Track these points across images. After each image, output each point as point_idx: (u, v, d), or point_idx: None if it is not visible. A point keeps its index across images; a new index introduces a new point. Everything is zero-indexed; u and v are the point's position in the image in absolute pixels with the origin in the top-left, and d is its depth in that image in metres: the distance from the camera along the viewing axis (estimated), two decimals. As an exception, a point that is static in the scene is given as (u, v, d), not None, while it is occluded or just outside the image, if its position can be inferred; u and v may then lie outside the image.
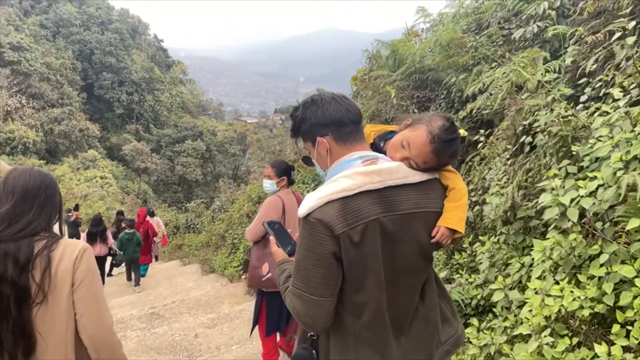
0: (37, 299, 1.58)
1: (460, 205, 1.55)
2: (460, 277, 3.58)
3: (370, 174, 1.45)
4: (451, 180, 1.59)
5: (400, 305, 1.53)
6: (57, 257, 1.63)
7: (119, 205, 27.18)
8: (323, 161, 1.59)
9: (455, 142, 1.56)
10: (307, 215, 1.42)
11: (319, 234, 1.40)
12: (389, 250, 1.45)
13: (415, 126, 1.59)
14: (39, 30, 50.65)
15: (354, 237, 1.39)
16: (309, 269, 1.43)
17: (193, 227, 14.77)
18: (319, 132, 1.55)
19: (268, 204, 3.67)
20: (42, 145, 38.47)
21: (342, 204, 1.40)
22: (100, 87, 52.93)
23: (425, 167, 1.54)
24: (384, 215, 1.43)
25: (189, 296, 6.49)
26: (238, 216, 10.03)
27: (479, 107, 5.11)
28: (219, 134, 54.52)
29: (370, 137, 1.73)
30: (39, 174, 1.75)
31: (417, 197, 1.50)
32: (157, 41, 70.04)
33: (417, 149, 1.53)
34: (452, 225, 1.51)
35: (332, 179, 1.46)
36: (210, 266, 8.81)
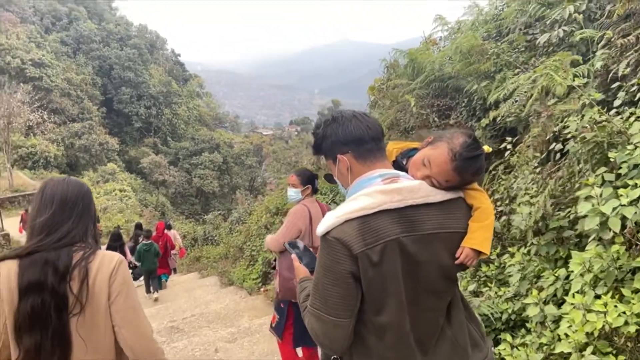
0: (75, 310, 1.60)
1: (486, 226, 1.50)
2: (489, 290, 3.44)
3: (391, 193, 1.42)
4: (476, 200, 1.54)
5: (423, 326, 1.49)
6: (95, 269, 1.64)
7: (138, 217, 27.44)
8: (344, 179, 1.58)
9: (479, 160, 1.52)
10: (326, 234, 1.41)
11: (336, 253, 1.38)
12: (409, 270, 1.42)
13: (436, 144, 1.56)
14: (60, 47, 51.92)
15: (373, 257, 1.36)
16: (327, 289, 1.41)
17: (211, 239, 14.78)
18: (340, 149, 1.54)
19: (295, 212, 3.60)
20: (63, 159, 39.19)
21: (361, 222, 1.38)
22: (119, 102, 53.87)
23: (448, 186, 1.50)
24: (404, 235, 1.39)
25: (209, 309, 6.43)
26: (256, 228, 9.98)
27: (503, 115, 5.00)
28: (235, 146, 54.98)
29: (393, 154, 1.70)
30: (76, 184, 1.78)
31: (440, 217, 1.46)
32: (174, 55, 71.21)
33: (438, 167, 1.49)
34: (476, 246, 1.46)
35: (352, 197, 1.44)
36: (228, 278, 8.76)
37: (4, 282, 1.61)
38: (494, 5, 7.42)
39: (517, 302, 3.25)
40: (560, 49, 4.72)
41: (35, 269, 1.60)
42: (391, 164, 1.62)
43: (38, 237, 1.66)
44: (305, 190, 3.68)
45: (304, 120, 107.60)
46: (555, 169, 3.71)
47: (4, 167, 30.13)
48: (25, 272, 1.60)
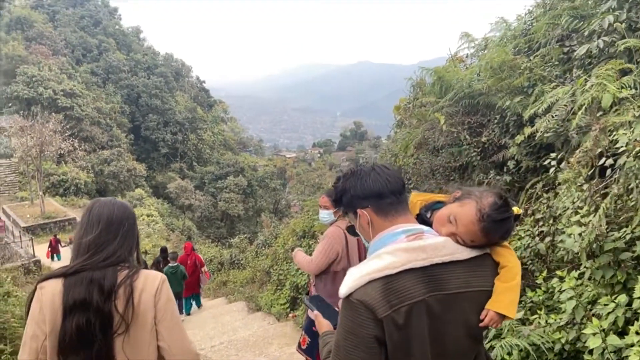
0: (120, 329, 1.61)
1: (512, 287, 1.45)
2: (538, 318, 3.19)
3: (415, 251, 1.37)
4: (504, 257, 1.48)
5: None
6: (139, 288, 1.67)
7: (165, 242, 27.63)
8: (365, 232, 1.54)
9: (508, 222, 1.46)
10: (349, 295, 1.36)
11: (360, 316, 1.33)
12: (435, 332, 1.37)
13: (464, 201, 1.51)
14: (90, 77, 53.72)
15: (398, 320, 1.32)
16: (348, 351, 1.35)
17: (237, 263, 14.68)
18: (359, 204, 1.51)
19: (331, 235, 3.50)
20: (92, 186, 40.05)
21: (384, 283, 1.33)
22: (147, 129, 55.14)
23: (473, 245, 1.45)
24: (429, 295, 1.35)
25: (237, 336, 6.27)
26: (283, 251, 9.83)
27: (541, 130, 4.79)
28: (259, 169, 55.45)
29: (416, 206, 1.66)
30: (121, 205, 1.81)
31: (466, 275, 1.41)
32: (199, 82, 72.90)
33: (464, 227, 1.44)
34: (502, 310, 1.42)
35: (374, 255, 1.40)
36: (256, 304, 8.60)
37: (48, 301, 1.61)
38: (523, 20, 7.26)
39: (571, 330, 3.00)
40: (601, 61, 4.52)
41: (80, 287, 1.61)
42: (414, 216, 1.57)
43: (84, 256, 1.67)
44: (338, 212, 3.56)
45: (327, 142, 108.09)
46: (603, 186, 3.48)
47: (36, 195, 30.91)
48: (70, 290, 1.61)
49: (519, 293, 1.49)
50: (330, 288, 3.47)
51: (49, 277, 1.67)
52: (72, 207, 34.59)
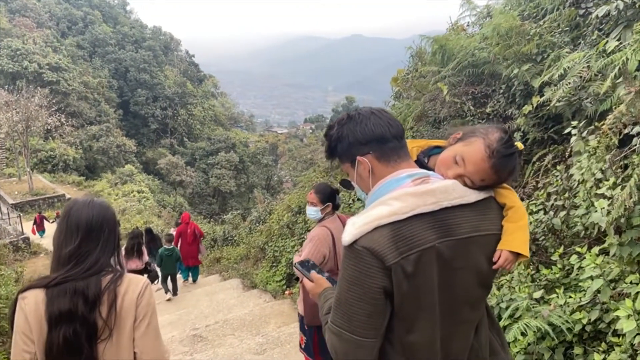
0: (103, 335, 1.60)
1: (522, 226, 1.40)
2: (557, 297, 3.00)
3: (423, 195, 1.30)
4: (508, 198, 1.44)
5: (457, 342, 1.38)
6: (122, 293, 1.64)
7: (156, 218, 27.38)
8: (364, 183, 1.44)
9: (515, 157, 1.42)
10: (353, 243, 1.27)
11: (366, 264, 1.25)
12: (445, 281, 1.30)
13: (469, 139, 1.44)
14: (76, 51, 52.39)
15: (408, 268, 1.24)
16: (351, 304, 1.28)
17: (231, 240, 14.47)
18: (359, 150, 1.41)
19: (317, 237, 3.33)
20: (81, 162, 39.51)
21: (392, 229, 1.25)
22: (136, 104, 54.20)
23: (482, 185, 1.40)
24: (440, 241, 1.28)
25: (232, 315, 6.08)
26: (278, 227, 9.62)
27: (555, 99, 4.53)
28: (251, 145, 54.93)
29: (413, 153, 1.56)
30: (100, 208, 1.74)
31: (475, 219, 1.35)
32: (188, 56, 71.50)
33: (473, 165, 1.39)
34: (516, 248, 1.37)
35: (379, 202, 1.31)
36: (251, 281, 8.42)
37: (31, 311, 1.59)
38: (529, -16, 6.92)
39: (593, 310, 2.81)
40: (619, 24, 4.24)
41: (65, 299, 1.58)
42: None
43: (66, 267, 1.63)
44: (325, 209, 3.45)
45: (318, 118, 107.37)
46: (622, 156, 3.25)
47: (24, 171, 30.36)
48: (55, 302, 1.58)
49: (528, 232, 1.44)
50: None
51: (31, 287, 1.64)
52: (60, 183, 34.11)
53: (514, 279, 3.54)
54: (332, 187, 3.60)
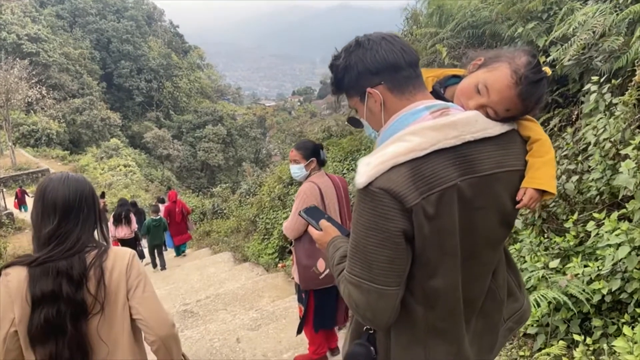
0: (94, 310, 1.58)
1: (548, 161, 1.28)
2: (574, 266, 2.80)
3: (444, 128, 1.17)
4: (532, 131, 1.31)
5: (476, 285, 1.31)
6: (109, 267, 1.62)
7: (144, 192, 27.02)
8: (375, 119, 1.31)
9: (543, 84, 1.27)
10: (368, 184, 1.15)
11: (384, 207, 1.13)
12: (467, 222, 1.20)
13: (492, 65, 1.29)
14: (56, 21, 50.70)
15: (429, 209, 1.14)
16: (370, 252, 1.17)
17: (220, 213, 14.22)
18: (369, 81, 1.26)
19: (303, 193, 3.19)
20: (65, 136, 38.73)
21: (411, 168, 1.14)
22: (119, 76, 52.90)
23: (507, 116, 1.27)
24: (462, 179, 1.17)
25: (224, 289, 5.87)
26: (269, 199, 9.37)
27: (557, 59, 4.28)
28: (238, 118, 54.18)
29: (428, 83, 1.40)
30: (76, 184, 1.67)
31: (498, 154, 1.24)
32: (172, 27, 69.64)
33: (498, 94, 1.25)
34: (542, 185, 1.25)
35: (394, 138, 1.19)
36: (242, 254, 8.22)
37: (14, 288, 1.55)
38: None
39: (614, 279, 2.62)
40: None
41: (47, 279, 1.54)
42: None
43: (46, 248, 1.58)
44: (309, 165, 3.29)
45: (307, 90, 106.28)
46: None
47: (6, 146, 29.61)
48: (37, 282, 1.54)
49: (555, 168, 1.34)
50: (309, 247, 3.22)
51: (14, 264, 1.60)
52: (44, 158, 33.42)
53: (524, 248, 3.35)
54: (314, 142, 3.44)
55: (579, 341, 2.49)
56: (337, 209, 3.31)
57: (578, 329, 2.74)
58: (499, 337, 1.43)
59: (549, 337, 2.79)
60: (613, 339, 2.56)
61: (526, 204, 1.26)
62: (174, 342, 1.72)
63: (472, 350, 1.34)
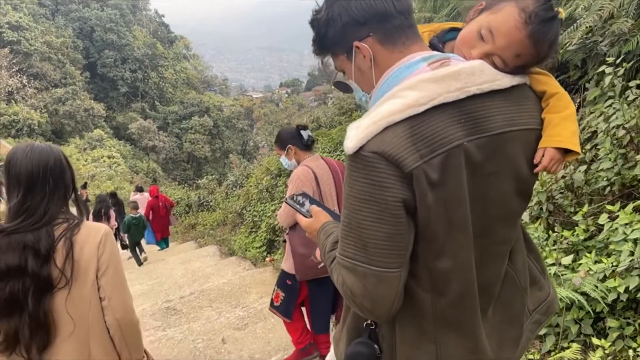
0: (60, 284, 1.52)
1: (568, 115, 1.12)
2: (588, 262, 2.60)
3: (445, 80, 1.00)
4: (548, 85, 1.15)
5: (491, 268, 1.13)
6: (80, 242, 1.56)
7: (128, 184, 26.52)
8: (366, 78, 1.15)
9: (557, 23, 1.10)
10: (359, 149, 0.98)
11: (379, 173, 0.96)
12: (477, 188, 1.03)
13: (496, 6, 1.12)
14: (38, 9, 49.41)
15: (432, 175, 0.96)
16: (365, 227, 0.99)
17: (206, 205, 13.91)
18: (356, 33, 1.10)
19: (297, 177, 3.05)
20: (47, 127, 37.87)
21: (409, 127, 0.97)
22: (103, 65, 51.85)
23: (517, 65, 1.10)
24: (469, 139, 1.00)
25: (209, 285, 5.62)
26: (257, 191, 9.10)
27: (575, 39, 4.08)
28: (225, 109, 53.54)
29: (424, 39, 1.23)
30: (40, 155, 1.58)
31: (510, 110, 1.07)
32: (158, 16, 68.44)
33: (505, 37, 1.08)
34: (563, 143, 1.08)
35: (388, 96, 1.01)
36: (229, 247, 7.97)
37: None
38: None
39: (630, 277, 2.43)
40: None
41: (14, 253, 1.50)
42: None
43: (15, 220, 1.54)
44: (289, 153, 3.18)
45: (294, 82, 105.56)
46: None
47: (-15, 136, 28.85)
48: (3, 255, 1.50)
49: (577, 124, 1.15)
50: (304, 235, 3.03)
51: None
52: (26, 149, 32.60)
53: (529, 242, 3.16)
54: (290, 128, 3.30)
55: (595, 344, 2.30)
56: (334, 194, 3.13)
57: (591, 329, 2.56)
58: (523, 332, 1.25)
59: (559, 339, 2.60)
60: (630, 340, 2.38)
61: (546, 167, 1.10)
62: (132, 330, 1.65)
63: (491, 345, 1.15)
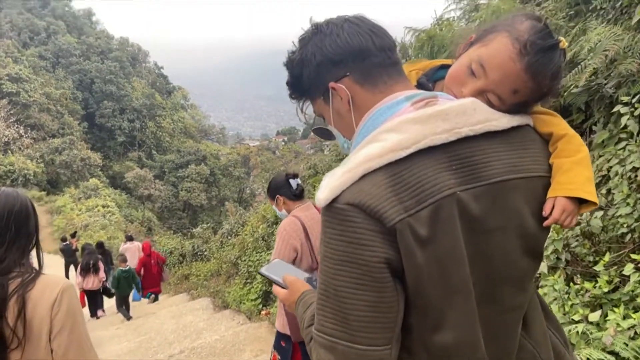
0: (12, 345, 1.37)
1: (581, 160, 0.94)
2: (616, 318, 2.36)
3: (431, 120, 0.87)
4: (555, 125, 0.98)
5: (502, 338, 0.93)
6: (34, 299, 1.40)
7: (122, 234, 26.07)
8: (346, 123, 1.01)
9: (557, 52, 0.94)
10: (333, 201, 0.84)
11: (357, 229, 0.82)
12: (477, 247, 0.86)
13: (487, 38, 0.98)
14: (38, 62, 50.58)
15: (420, 230, 0.81)
16: (344, 296, 0.83)
17: (200, 255, 13.58)
18: (331, 73, 0.96)
19: (283, 229, 2.83)
20: (43, 177, 37.83)
21: (390, 174, 0.84)
22: (102, 116, 52.55)
23: (515, 102, 0.95)
24: (463, 187, 0.85)
25: (201, 342, 5.27)
26: (252, 240, 8.84)
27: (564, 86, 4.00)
28: (222, 157, 53.85)
29: (412, 79, 1.11)
30: (5, 200, 1.50)
31: (511, 155, 0.91)
32: (157, 68, 70.13)
33: (499, 70, 0.94)
34: (576, 191, 0.90)
35: (367, 140, 0.89)
36: (223, 300, 7.62)
37: None
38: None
39: (666, 335, 2.18)
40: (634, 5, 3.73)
41: None
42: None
43: None
44: (278, 204, 3.01)
45: (291, 130, 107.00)
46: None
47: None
48: None
49: (592, 169, 0.98)
50: None
51: None
52: (20, 199, 32.33)
53: (547, 294, 2.91)
54: (280, 177, 3.10)
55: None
56: None
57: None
58: None
59: (591, 407, 2.31)
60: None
61: (557, 220, 0.92)
62: None
63: None
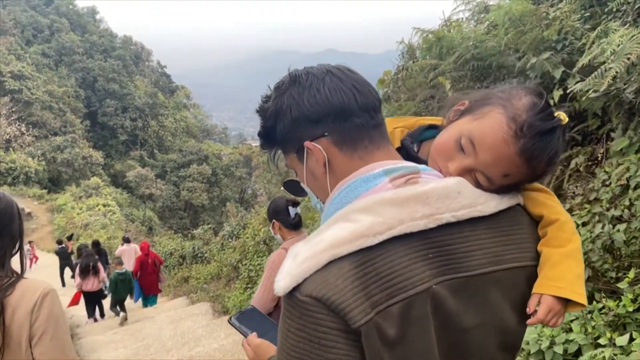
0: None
1: (572, 252, 0.86)
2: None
3: (409, 203, 0.80)
4: (547, 207, 0.90)
5: None
6: (13, 304, 1.41)
7: (122, 233, 25.96)
8: (320, 185, 0.92)
9: (556, 135, 0.86)
10: (295, 289, 0.77)
11: (318, 326, 0.74)
12: (451, 346, 0.80)
13: (481, 110, 0.90)
14: (41, 59, 50.58)
15: (388, 330, 0.74)
16: None
17: (201, 257, 13.42)
18: (307, 132, 0.88)
19: (272, 262, 2.82)
20: (44, 175, 37.79)
21: (359, 263, 0.76)
22: (104, 114, 52.54)
23: (505, 184, 0.88)
24: (439, 279, 0.78)
25: (199, 350, 5.11)
26: (253, 243, 8.69)
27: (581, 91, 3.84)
28: (224, 157, 53.78)
29: (395, 137, 1.01)
30: None
31: (494, 243, 0.84)
32: (160, 67, 70.16)
33: (490, 152, 0.87)
34: (564, 291, 0.83)
35: (336, 217, 0.82)
36: (223, 305, 7.47)
37: None
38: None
39: None
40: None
41: None
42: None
43: None
44: (275, 227, 2.86)
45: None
46: None
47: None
48: None
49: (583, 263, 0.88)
50: None
51: None
52: (20, 197, 32.25)
53: (568, 313, 2.73)
54: (280, 200, 2.92)
55: None
56: None
57: None
58: None
59: None
60: None
61: (541, 320, 0.85)
62: None
63: None
